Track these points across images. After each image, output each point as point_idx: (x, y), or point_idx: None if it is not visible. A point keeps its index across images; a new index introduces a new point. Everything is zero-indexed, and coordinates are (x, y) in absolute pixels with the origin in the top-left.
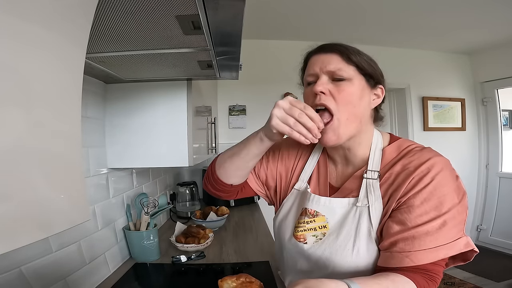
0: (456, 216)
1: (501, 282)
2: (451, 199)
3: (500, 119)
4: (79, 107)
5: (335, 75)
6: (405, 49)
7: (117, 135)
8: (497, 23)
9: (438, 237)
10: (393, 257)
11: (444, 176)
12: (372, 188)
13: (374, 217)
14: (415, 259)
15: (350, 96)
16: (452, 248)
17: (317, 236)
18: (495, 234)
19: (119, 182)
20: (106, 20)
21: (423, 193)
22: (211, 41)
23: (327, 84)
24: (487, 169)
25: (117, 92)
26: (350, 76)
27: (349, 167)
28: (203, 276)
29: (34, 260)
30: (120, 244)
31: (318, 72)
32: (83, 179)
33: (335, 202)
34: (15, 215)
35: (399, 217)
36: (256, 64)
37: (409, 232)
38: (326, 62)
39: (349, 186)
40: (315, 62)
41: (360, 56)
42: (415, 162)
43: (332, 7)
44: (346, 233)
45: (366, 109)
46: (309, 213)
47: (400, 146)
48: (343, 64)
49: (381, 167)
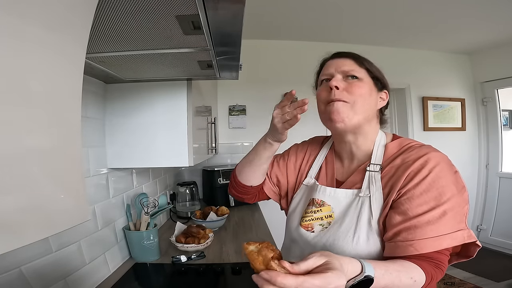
0: (455, 207)
1: (501, 282)
2: (450, 190)
3: (500, 119)
4: (79, 107)
5: (348, 73)
6: (405, 49)
7: (117, 135)
8: (497, 23)
9: (439, 226)
10: (397, 247)
11: (442, 169)
12: (374, 179)
13: (374, 207)
14: (419, 247)
15: (361, 90)
16: (455, 238)
17: (323, 225)
18: (495, 234)
19: (119, 182)
20: (106, 20)
21: (422, 184)
22: (211, 41)
23: (341, 81)
24: (487, 169)
25: (117, 92)
26: (362, 76)
27: (354, 162)
28: (203, 276)
29: (34, 260)
30: (120, 244)
31: (333, 72)
32: (83, 179)
33: (340, 192)
34: (15, 215)
35: (400, 208)
36: (256, 64)
37: (410, 221)
38: (341, 64)
39: (354, 179)
40: (330, 64)
41: (370, 63)
42: (413, 156)
43: (332, 7)
44: (349, 221)
45: (373, 106)
46: (316, 203)
47: (401, 143)
48: (356, 66)
49: (383, 160)
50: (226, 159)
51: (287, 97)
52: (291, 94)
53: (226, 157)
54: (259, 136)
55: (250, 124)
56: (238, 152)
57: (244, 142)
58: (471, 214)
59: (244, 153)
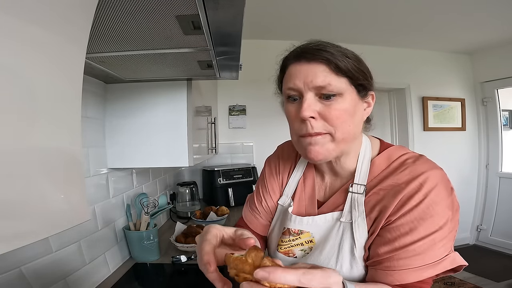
0: (446, 235)
1: (501, 282)
2: (444, 217)
3: (500, 119)
4: (79, 107)
5: (323, 91)
6: (405, 49)
7: (117, 135)
8: (497, 23)
9: (425, 257)
10: (377, 274)
11: (438, 192)
12: (357, 203)
13: (357, 234)
14: (399, 277)
15: (343, 115)
16: (436, 267)
17: (305, 250)
18: (495, 234)
19: (119, 182)
20: (106, 20)
21: (415, 211)
22: (211, 41)
23: (314, 104)
24: (487, 169)
25: (117, 92)
26: (341, 90)
27: (338, 179)
28: (203, 276)
29: (34, 260)
30: (120, 244)
31: (301, 87)
32: (83, 179)
33: (318, 219)
34: (15, 215)
35: (387, 236)
36: (256, 64)
37: (396, 252)
38: (312, 75)
39: (335, 200)
40: (296, 73)
41: (347, 59)
42: (406, 177)
43: (333, 7)
44: (330, 249)
45: (359, 123)
46: (293, 232)
47: (390, 156)
48: (332, 76)
49: (368, 180)
50: (226, 159)
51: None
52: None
53: (226, 157)
54: (259, 136)
55: (250, 124)
56: (238, 152)
57: (244, 142)
58: (471, 214)
59: (244, 153)
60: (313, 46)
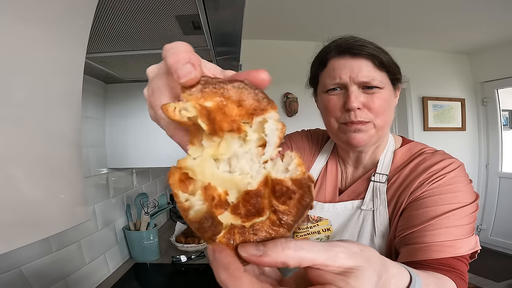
0: (470, 214)
1: (501, 282)
2: (468, 196)
3: (500, 119)
4: (79, 107)
5: (368, 84)
6: (405, 49)
7: (117, 135)
8: (496, 23)
9: (454, 231)
10: (412, 251)
11: (461, 173)
12: (379, 191)
13: (378, 222)
14: (436, 251)
15: (384, 104)
16: (468, 244)
17: (321, 239)
18: (495, 234)
19: (119, 182)
20: (106, 20)
21: (440, 186)
22: (211, 41)
23: (360, 96)
24: (487, 169)
25: (117, 92)
26: (383, 84)
27: (359, 169)
28: (203, 276)
29: (34, 260)
30: (120, 244)
31: (347, 81)
32: (83, 179)
33: (339, 206)
34: (15, 215)
35: (411, 213)
36: (256, 64)
37: (423, 226)
38: (357, 69)
39: (356, 189)
40: (341, 67)
41: (386, 54)
42: (425, 164)
43: (333, 7)
44: (349, 237)
45: (393, 113)
46: (312, 219)
47: (412, 149)
48: (376, 72)
49: (391, 170)
50: None
51: None
52: None
53: None
54: None
55: None
56: None
57: None
58: None
59: None
60: (355, 42)
